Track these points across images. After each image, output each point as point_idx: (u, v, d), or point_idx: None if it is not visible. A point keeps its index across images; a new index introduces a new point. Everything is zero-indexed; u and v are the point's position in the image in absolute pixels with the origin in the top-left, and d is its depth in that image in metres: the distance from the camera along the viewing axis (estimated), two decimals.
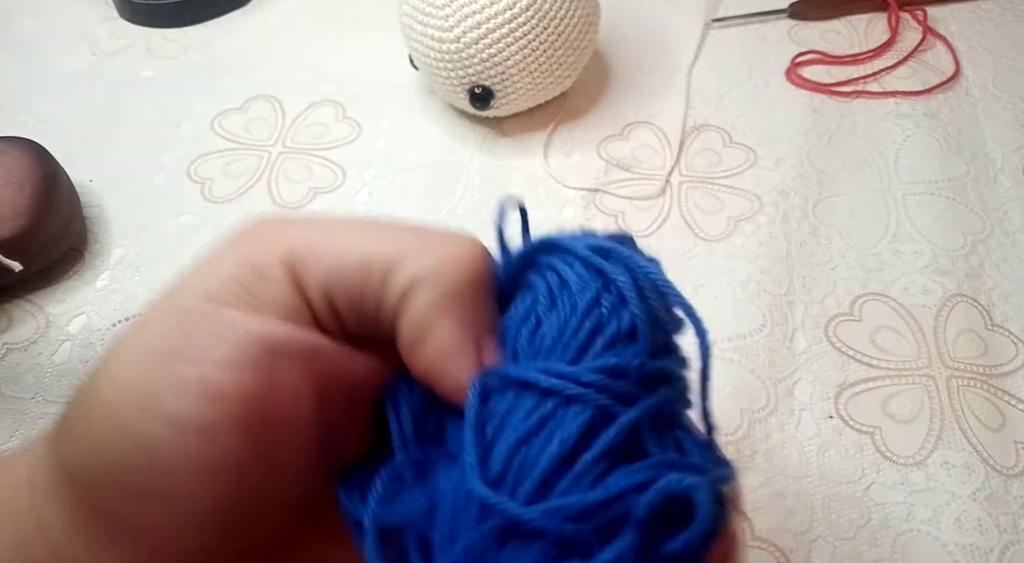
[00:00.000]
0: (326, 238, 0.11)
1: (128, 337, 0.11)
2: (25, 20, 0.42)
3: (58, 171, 0.30)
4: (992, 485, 0.24)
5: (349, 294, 0.11)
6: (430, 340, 0.11)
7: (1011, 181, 0.32)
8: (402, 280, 0.11)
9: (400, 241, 0.11)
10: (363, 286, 0.11)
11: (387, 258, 0.11)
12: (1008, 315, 0.28)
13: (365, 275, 0.11)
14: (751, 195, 0.32)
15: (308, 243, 0.11)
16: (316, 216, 0.12)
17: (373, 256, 0.11)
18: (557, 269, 0.12)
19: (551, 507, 0.10)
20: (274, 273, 0.11)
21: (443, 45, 0.30)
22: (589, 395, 0.10)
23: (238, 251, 0.11)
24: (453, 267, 0.11)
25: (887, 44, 0.38)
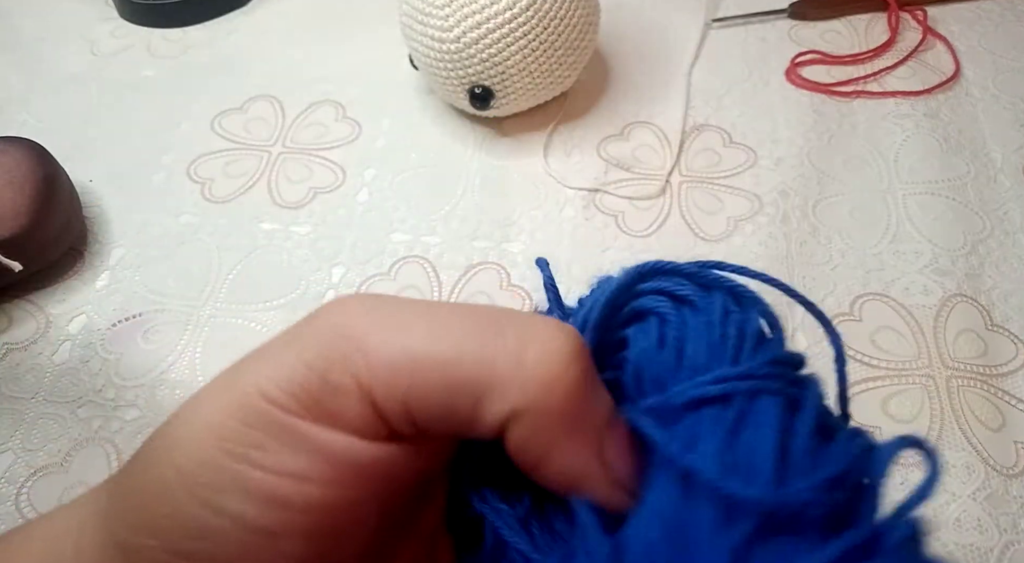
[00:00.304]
0: (402, 353, 0.10)
1: (190, 417, 0.10)
2: (25, 20, 0.42)
3: (58, 171, 0.30)
4: (992, 485, 0.24)
5: (433, 417, 0.10)
6: (550, 466, 0.10)
7: (1011, 181, 0.32)
8: (498, 411, 0.10)
9: (484, 356, 0.10)
10: (449, 411, 0.10)
11: (475, 384, 0.10)
12: (1008, 315, 0.28)
13: (450, 401, 0.10)
14: (751, 195, 0.32)
15: (385, 359, 0.10)
16: (389, 306, 0.11)
17: (458, 382, 0.10)
18: (667, 291, 0.12)
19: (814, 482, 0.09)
20: (347, 387, 0.10)
21: (443, 45, 0.30)
22: (772, 385, 0.10)
23: (305, 351, 0.10)
24: (547, 390, 0.10)
25: (887, 44, 0.38)
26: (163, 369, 0.27)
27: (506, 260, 0.30)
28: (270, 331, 0.28)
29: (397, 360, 0.10)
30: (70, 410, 0.26)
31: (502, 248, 0.30)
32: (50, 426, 0.26)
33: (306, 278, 0.30)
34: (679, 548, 0.09)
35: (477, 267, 0.30)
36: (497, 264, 0.30)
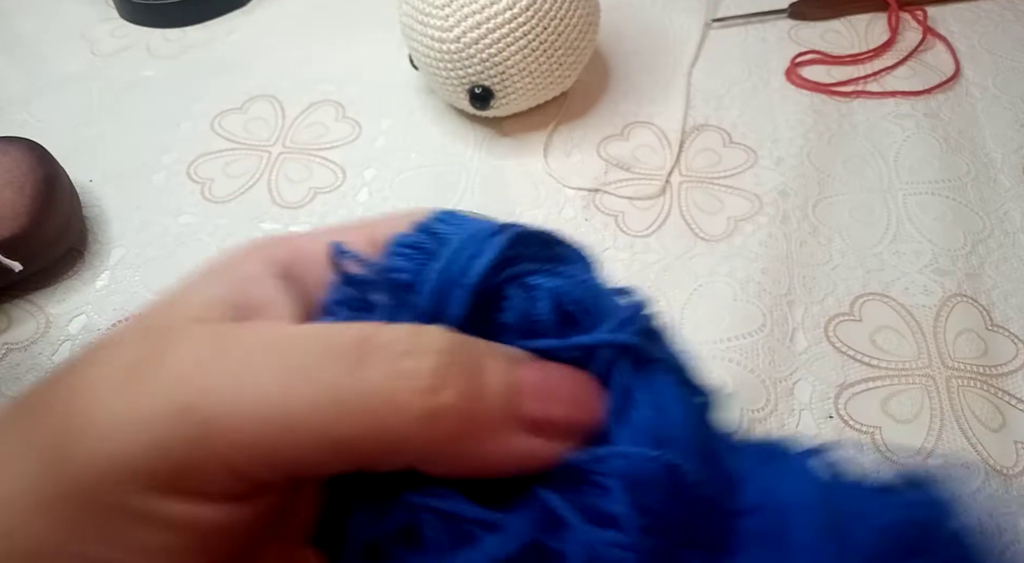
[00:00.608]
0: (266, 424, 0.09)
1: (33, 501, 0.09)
2: (25, 20, 0.42)
3: (58, 171, 0.30)
4: (992, 485, 0.24)
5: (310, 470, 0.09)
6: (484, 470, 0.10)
7: (1011, 181, 0.32)
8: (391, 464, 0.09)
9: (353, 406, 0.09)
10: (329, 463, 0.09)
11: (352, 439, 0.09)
12: (1008, 315, 0.28)
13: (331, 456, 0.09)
14: (751, 195, 0.32)
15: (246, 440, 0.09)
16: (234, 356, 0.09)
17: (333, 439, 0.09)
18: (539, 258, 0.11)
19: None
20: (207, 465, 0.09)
21: (443, 45, 0.30)
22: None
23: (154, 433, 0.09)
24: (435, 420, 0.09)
25: (887, 44, 0.38)
26: None
27: None
28: None
29: (258, 433, 0.09)
30: None
31: None
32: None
33: None
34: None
35: None
36: None
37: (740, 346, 0.27)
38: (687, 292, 0.29)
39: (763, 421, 0.25)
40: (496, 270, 0.10)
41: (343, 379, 0.09)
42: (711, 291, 0.29)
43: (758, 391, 0.26)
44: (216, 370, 0.09)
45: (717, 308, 0.28)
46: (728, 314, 0.28)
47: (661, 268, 0.29)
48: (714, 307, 0.28)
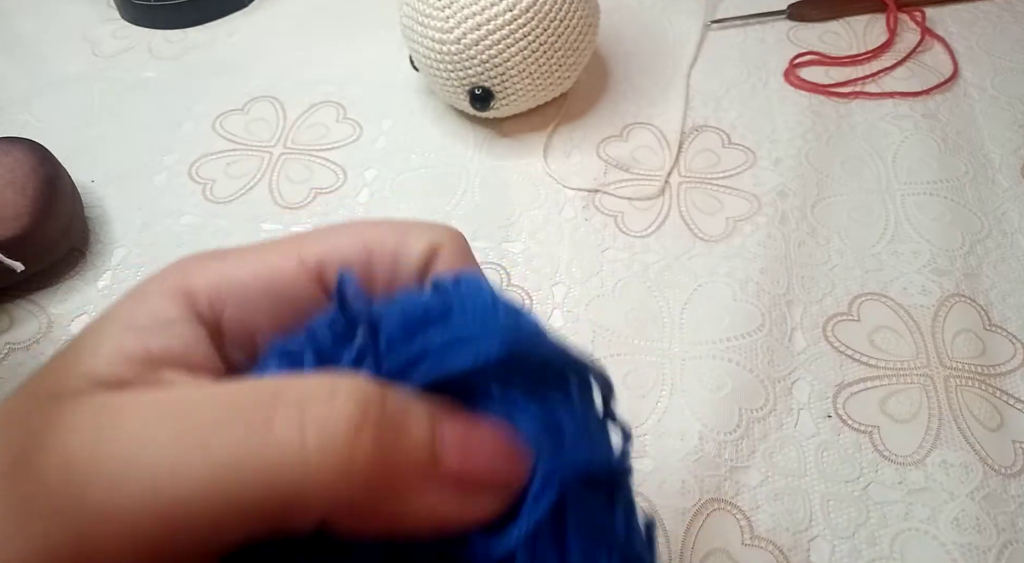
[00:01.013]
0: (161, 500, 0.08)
1: None
2: (27, 21, 0.42)
3: (60, 172, 0.30)
4: (990, 484, 0.24)
5: (227, 544, 0.09)
6: (405, 528, 0.09)
7: (1009, 181, 0.33)
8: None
9: (262, 466, 0.08)
10: (246, 532, 0.08)
11: (264, 503, 0.08)
12: (1006, 315, 0.28)
13: (243, 524, 0.08)
14: (750, 196, 0.32)
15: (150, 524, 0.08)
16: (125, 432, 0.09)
17: (242, 507, 0.08)
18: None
19: None
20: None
21: (443, 46, 0.31)
22: None
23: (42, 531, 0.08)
24: (351, 475, 0.09)
25: (885, 45, 0.38)
26: None
27: (506, 260, 0.30)
28: None
29: (154, 521, 0.08)
30: None
31: (502, 248, 0.31)
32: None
33: None
34: None
35: None
36: (497, 264, 0.30)
37: (739, 346, 0.27)
38: (686, 292, 0.29)
39: (762, 420, 0.25)
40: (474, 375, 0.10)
41: (245, 441, 0.08)
42: (710, 291, 0.29)
43: (757, 391, 0.26)
44: (101, 455, 0.08)
45: (716, 308, 0.28)
46: (727, 314, 0.28)
47: (660, 268, 0.30)
48: (713, 307, 0.28)
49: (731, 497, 0.24)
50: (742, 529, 0.23)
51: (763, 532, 0.23)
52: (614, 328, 0.28)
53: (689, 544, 0.23)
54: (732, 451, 0.25)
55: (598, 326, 0.28)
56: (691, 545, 0.23)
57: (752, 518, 0.23)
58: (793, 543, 0.23)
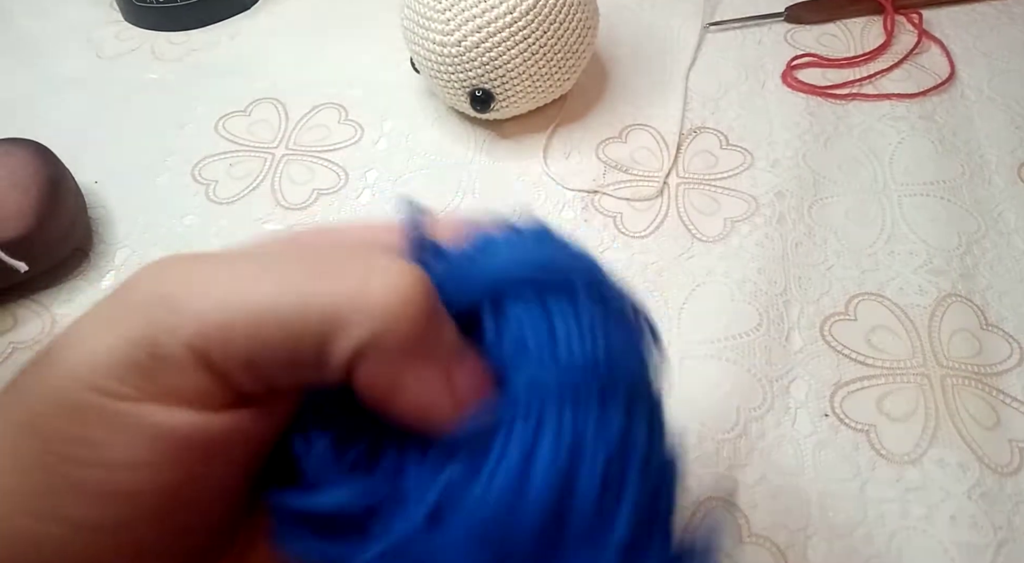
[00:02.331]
0: (237, 311, 0.09)
1: (15, 429, 0.09)
2: (30, 23, 0.42)
3: (63, 172, 0.30)
4: (987, 483, 0.24)
5: (278, 365, 0.10)
6: (401, 399, 0.10)
7: (1005, 182, 0.33)
8: (346, 347, 0.09)
9: (324, 295, 0.09)
10: (295, 357, 0.09)
11: (319, 324, 0.09)
12: (1002, 315, 0.28)
13: (295, 345, 0.09)
14: (748, 196, 0.32)
15: (217, 321, 0.09)
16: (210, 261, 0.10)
17: (300, 328, 0.09)
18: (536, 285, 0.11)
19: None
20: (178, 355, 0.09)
21: (444, 49, 0.31)
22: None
23: (127, 327, 0.09)
24: (395, 320, 0.09)
25: (882, 47, 0.38)
26: None
27: None
28: None
29: (230, 317, 0.09)
30: None
31: None
32: None
33: None
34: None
35: None
36: None
37: (737, 345, 0.27)
38: (685, 292, 0.29)
39: (759, 419, 0.26)
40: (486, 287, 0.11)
41: (314, 272, 0.10)
42: (708, 291, 0.29)
43: (755, 390, 0.26)
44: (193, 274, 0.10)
45: (714, 308, 0.28)
46: (725, 314, 0.28)
47: (659, 268, 0.30)
48: (711, 307, 0.29)
49: (729, 495, 0.24)
50: (740, 527, 0.23)
51: (761, 530, 0.23)
52: None
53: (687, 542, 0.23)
54: (730, 450, 0.25)
55: None
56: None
57: (750, 516, 0.23)
58: (790, 541, 0.23)
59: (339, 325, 0.09)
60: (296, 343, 0.09)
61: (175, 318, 0.09)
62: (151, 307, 0.09)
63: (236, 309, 0.09)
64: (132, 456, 0.09)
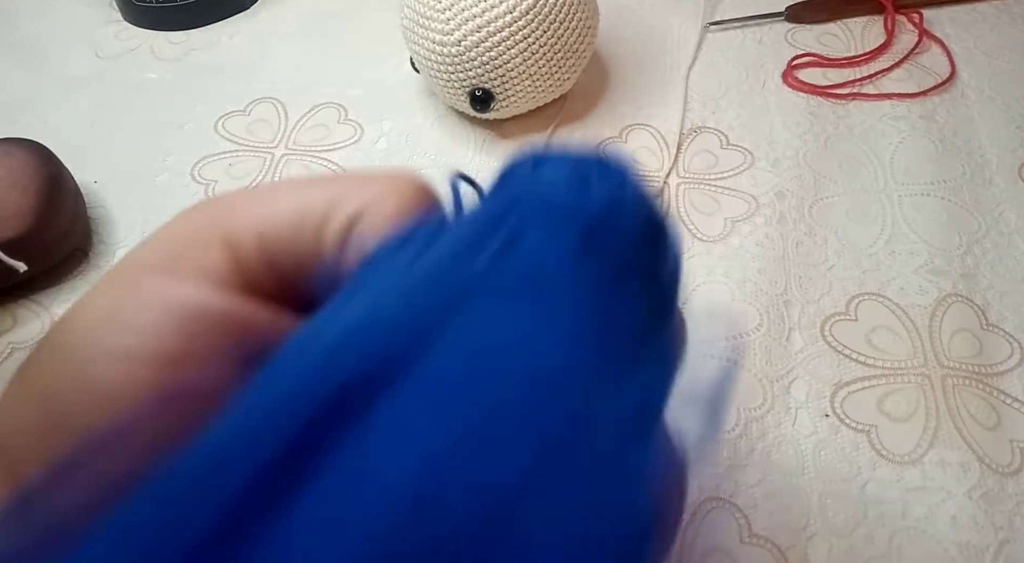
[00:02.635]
0: (261, 201, 0.11)
1: (71, 313, 0.11)
2: (29, 22, 0.42)
3: (62, 172, 0.30)
4: (988, 483, 0.24)
5: (285, 250, 0.11)
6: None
7: (1006, 182, 0.33)
8: (340, 219, 0.11)
9: (334, 187, 0.11)
10: (298, 237, 0.11)
11: (322, 204, 0.11)
12: (1003, 315, 0.28)
13: (299, 225, 0.11)
14: (748, 196, 0.32)
15: (244, 208, 0.11)
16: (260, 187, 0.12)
17: (307, 205, 0.11)
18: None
19: None
20: (208, 241, 0.11)
21: (444, 48, 0.31)
22: None
23: (175, 225, 0.11)
24: (392, 197, 0.11)
25: (883, 47, 0.38)
26: None
27: None
28: None
29: (253, 206, 0.11)
30: None
31: None
32: None
33: None
34: None
35: None
36: None
37: (737, 345, 0.27)
38: (685, 292, 0.29)
39: (760, 420, 0.25)
40: None
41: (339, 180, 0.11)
42: (708, 291, 0.29)
43: (755, 390, 0.26)
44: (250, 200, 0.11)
45: (716, 308, 0.28)
46: (725, 314, 0.28)
47: None
48: (713, 307, 0.28)
49: (729, 496, 0.24)
50: (740, 527, 0.23)
51: (761, 531, 0.23)
52: None
53: (687, 542, 0.23)
54: (730, 450, 0.25)
55: None
56: (689, 543, 0.23)
57: (750, 516, 0.23)
58: (791, 542, 0.23)
59: (337, 202, 0.11)
60: (299, 224, 0.11)
61: (210, 212, 0.11)
62: (194, 211, 0.11)
63: (256, 199, 0.11)
64: (146, 322, 0.10)
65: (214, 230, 0.11)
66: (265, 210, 0.11)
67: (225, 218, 0.11)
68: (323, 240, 0.11)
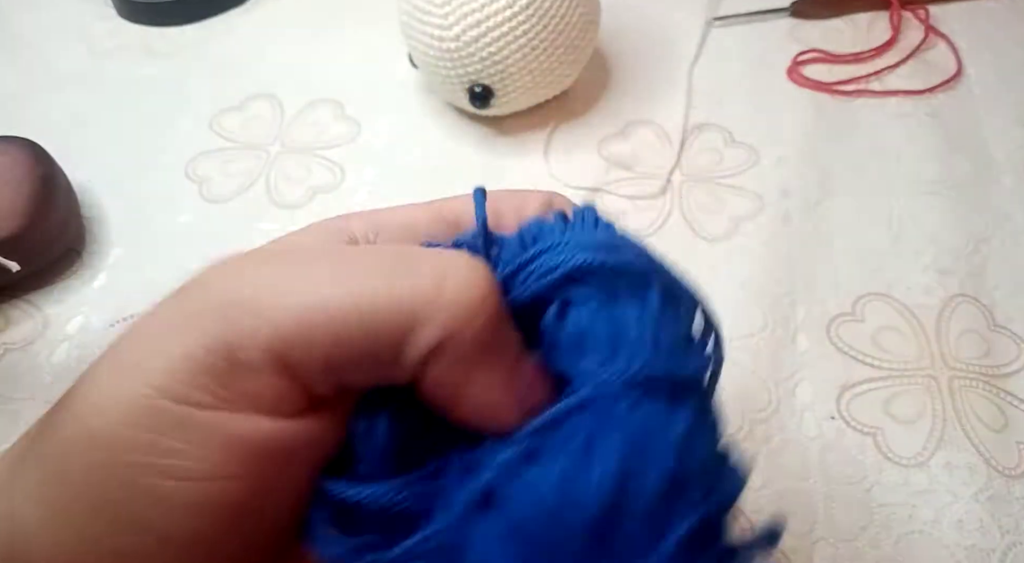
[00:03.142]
0: (317, 312, 0.09)
1: (80, 428, 0.09)
2: (23, 18, 0.42)
3: (55, 171, 0.30)
4: (994, 486, 0.24)
5: (355, 365, 0.10)
6: (467, 399, 0.10)
7: (1014, 181, 0.32)
8: (423, 346, 0.10)
9: (402, 295, 0.10)
10: (372, 355, 0.10)
11: (396, 322, 0.10)
12: (1011, 315, 0.28)
13: (373, 345, 0.09)
14: (752, 194, 0.32)
15: (298, 323, 0.09)
16: (281, 259, 0.10)
17: (379, 327, 0.09)
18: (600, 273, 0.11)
19: None
20: (257, 360, 0.09)
21: (443, 43, 0.30)
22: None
23: (202, 333, 0.09)
24: (469, 318, 0.10)
25: (889, 43, 0.38)
26: None
27: None
28: None
29: (309, 318, 0.09)
30: None
31: None
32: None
33: None
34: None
35: None
36: None
37: (742, 347, 0.27)
38: None
39: (765, 422, 0.25)
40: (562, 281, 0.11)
41: (389, 278, 0.10)
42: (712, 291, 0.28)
43: (760, 392, 0.26)
44: (260, 278, 0.10)
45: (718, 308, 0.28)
46: (729, 314, 0.28)
47: None
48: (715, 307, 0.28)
49: None
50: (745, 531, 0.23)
51: None
52: None
53: None
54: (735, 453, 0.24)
55: None
56: None
57: (755, 520, 0.23)
58: (796, 545, 0.23)
59: (416, 323, 0.10)
60: (374, 342, 0.10)
61: (255, 321, 0.09)
62: (228, 310, 0.09)
63: (317, 310, 0.09)
64: (207, 466, 0.09)
65: (257, 351, 0.09)
66: (330, 331, 0.09)
67: (274, 337, 0.09)
68: (401, 361, 0.10)
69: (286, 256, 0.10)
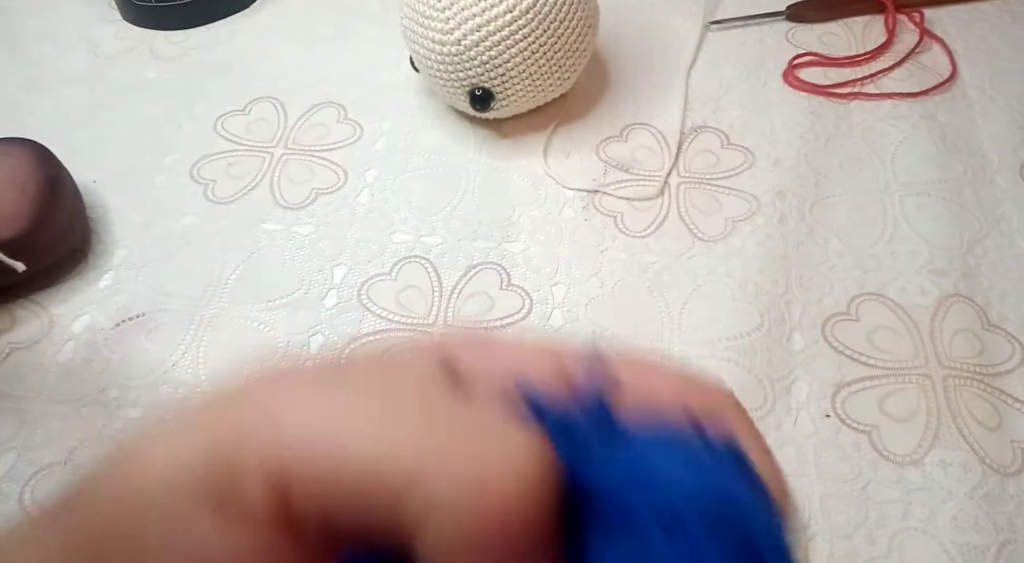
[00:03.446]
0: (320, 445, 0.09)
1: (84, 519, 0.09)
2: (28, 22, 0.42)
3: (61, 172, 0.30)
4: (989, 484, 0.24)
5: (347, 515, 0.09)
6: None
7: (1008, 182, 0.33)
8: (416, 507, 0.08)
9: (418, 450, 0.08)
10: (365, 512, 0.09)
11: (399, 481, 0.08)
12: (1005, 315, 0.28)
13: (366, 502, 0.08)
14: (749, 196, 0.32)
15: (300, 453, 0.09)
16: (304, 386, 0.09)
17: (383, 478, 0.08)
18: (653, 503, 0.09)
19: None
20: (252, 480, 0.09)
21: (444, 47, 0.31)
22: None
23: (209, 438, 0.09)
24: (475, 499, 0.08)
25: (884, 46, 0.38)
26: (166, 369, 0.27)
27: (506, 260, 0.30)
28: (272, 330, 0.29)
29: (312, 452, 0.08)
30: (73, 409, 0.26)
31: (502, 248, 0.31)
32: (53, 426, 0.26)
33: (308, 278, 0.30)
34: None
35: (478, 267, 0.30)
36: (497, 264, 0.30)
37: (738, 346, 0.27)
38: (685, 292, 0.29)
39: (761, 420, 0.25)
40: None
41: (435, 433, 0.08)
42: (709, 291, 0.29)
43: (756, 391, 0.26)
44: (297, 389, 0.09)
45: (715, 308, 0.28)
46: (726, 314, 0.28)
47: (659, 268, 0.30)
48: (712, 307, 0.28)
49: None
50: None
51: None
52: (613, 328, 0.28)
53: None
54: None
55: (597, 326, 0.28)
56: None
57: None
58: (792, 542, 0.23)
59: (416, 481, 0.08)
60: (369, 499, 0.08)
61: (255, 437, 0.09)
62: (232, 423, 0.09)
63: (314, 440, 0.09)
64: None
65: (257, 471, 0.09)
66: (329, 470, 0.08)
67: (275, 460, 0.09)
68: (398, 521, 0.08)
69: (325, 379, 0.10)
